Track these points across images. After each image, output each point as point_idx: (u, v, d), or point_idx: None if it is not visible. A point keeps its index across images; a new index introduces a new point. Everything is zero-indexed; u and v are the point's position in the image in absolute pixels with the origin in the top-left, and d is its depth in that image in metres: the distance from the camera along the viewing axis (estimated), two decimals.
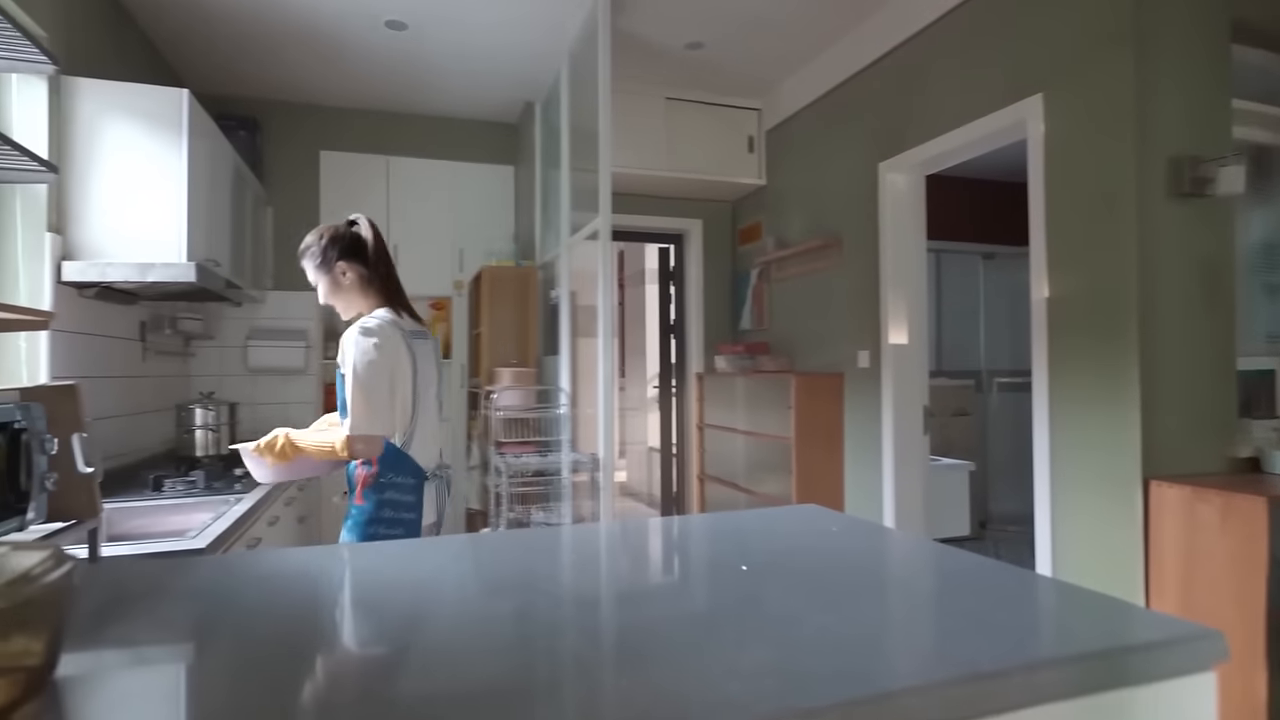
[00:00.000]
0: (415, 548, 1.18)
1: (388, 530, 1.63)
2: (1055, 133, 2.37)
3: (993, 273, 5.06)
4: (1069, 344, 2.33)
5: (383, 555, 1.14)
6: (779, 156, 4.13)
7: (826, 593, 0.89)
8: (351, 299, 1.74)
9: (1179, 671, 0.71)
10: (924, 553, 1.13)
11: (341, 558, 1.19)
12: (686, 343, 4.70)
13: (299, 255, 1.73)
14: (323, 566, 1.11)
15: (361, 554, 1.19)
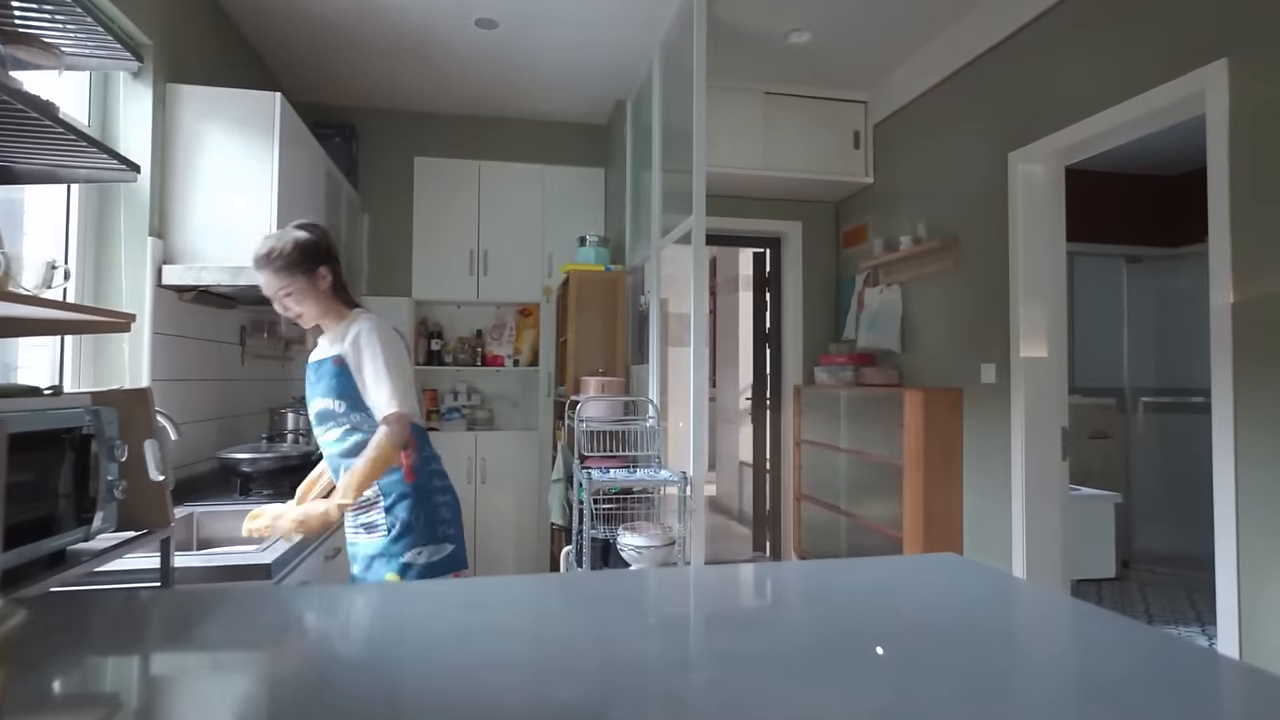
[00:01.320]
0: (474, 591, 1.02)
1: (443, 498, 1.75)
2: (1244, 105, 1.97)
3: (1137, 278, 4.48)
4: (1265, 358, 1.92)
5: (428, 597, 0.98)
6: (888, 152, 3.80)
7: (1002, 698, 0.65)
8: (325, 303, 1.73)
9: None
10: (1137, 643, 0.85)
11: (428, 598, 1.04)
12: (783, 353, 4.42)
13: (260, 261, 1.66)
14: (398, 611, 0.96)
15: (428, 594, 1.04)
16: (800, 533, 4.20)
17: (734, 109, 3.73)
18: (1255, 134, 1.95)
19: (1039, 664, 0.78)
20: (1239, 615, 1.95)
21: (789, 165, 3.81)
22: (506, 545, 3.86)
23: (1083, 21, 2.52)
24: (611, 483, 2.48)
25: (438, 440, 3.86)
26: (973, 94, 3.11)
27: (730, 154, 3.73)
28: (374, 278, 3.89)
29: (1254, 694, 0.69)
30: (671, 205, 3.07)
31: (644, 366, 3.26)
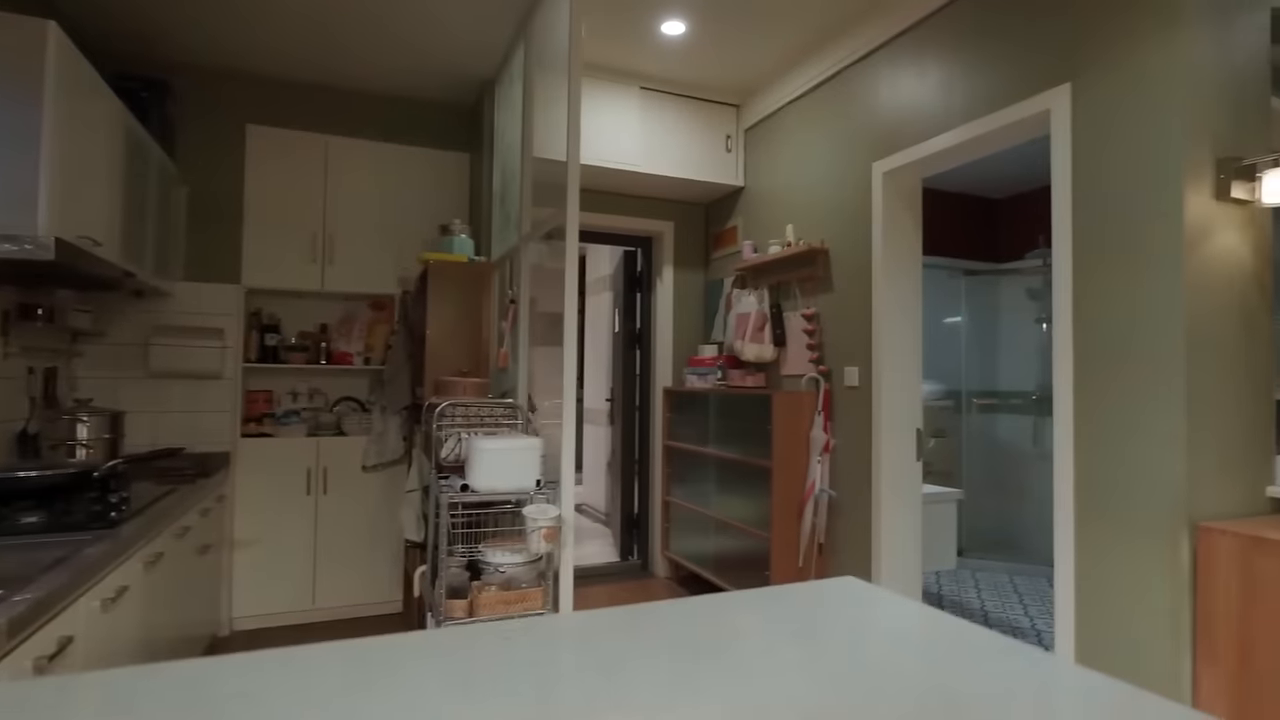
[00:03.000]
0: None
1: None
2: (1085, 128, 2.12)
3: (973, 289, 4.88)
4: (1100, 366, 2.07)
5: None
6: (759, 156, 3.85)
7: None
8: None
9: None
10: (1058, 680, 0.80)
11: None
12: (653, 355, 4.36)
13: None
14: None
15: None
16: (668, 536, 4.15)
17: (610, 101, 3.61)
18: (1096, 156, 2.10)
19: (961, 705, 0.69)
20: (1075, 595, 2.09)
21: (664, 164, 3.76)
22: (353, 565, 3.48)
23: (944, 40, 2.64)
24: (472, 495, 2.25)
25: (272, 446, 3.46)
26: (840, 103, 3.19)
27: (606, 148, 3.60)
28: (194, 260, 3.36)
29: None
30: (543, 197, 2.88)
31: (511, 367, 3.05)
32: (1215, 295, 1.92)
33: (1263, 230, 2.02)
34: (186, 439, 3.27)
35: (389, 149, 3.69)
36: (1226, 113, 1.95)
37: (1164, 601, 1.88)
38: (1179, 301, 1.87)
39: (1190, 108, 1.89)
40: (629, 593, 3.95)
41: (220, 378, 3.33)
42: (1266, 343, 2.03)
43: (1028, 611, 3.65)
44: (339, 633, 3.32)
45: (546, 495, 2.22)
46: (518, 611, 2.10)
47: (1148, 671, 1.91)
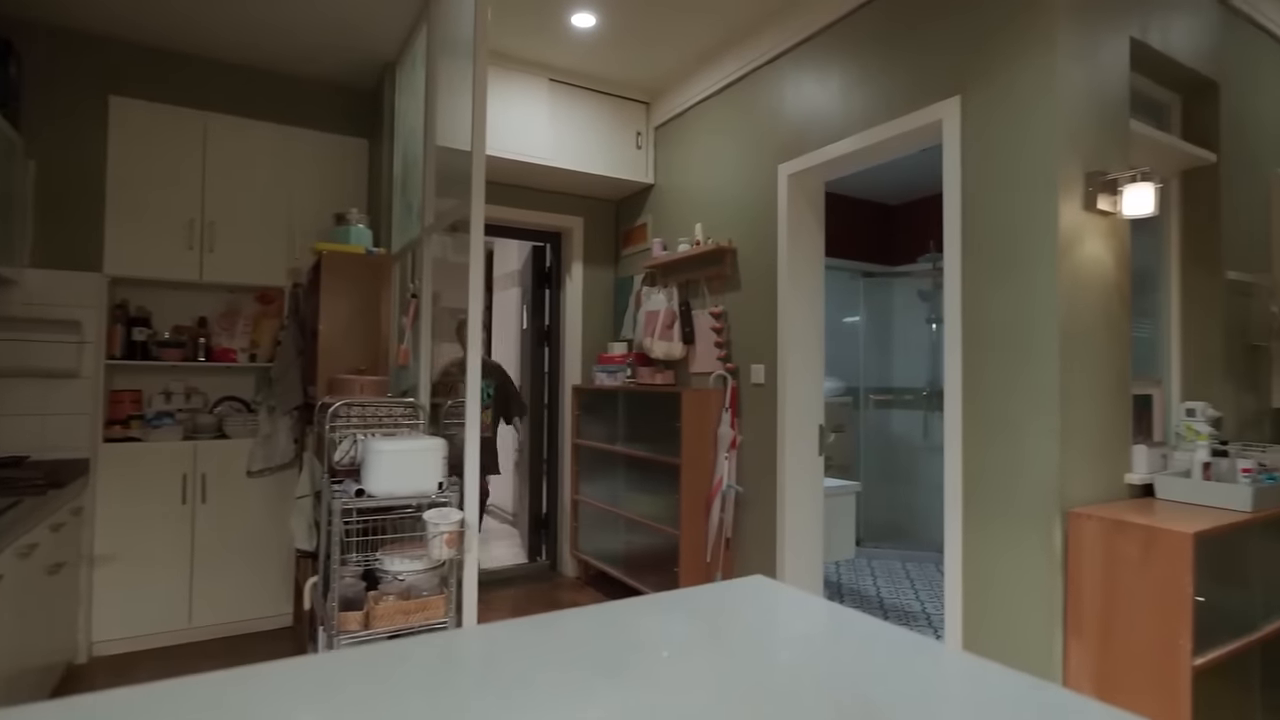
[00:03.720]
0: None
1: None
2: (973, 139, 2.24)
3: (869, 290, 5.11)
4: (985, 364, 2.19)
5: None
6: (669, 154, 3.86)
7: None
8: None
9: None
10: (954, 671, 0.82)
11: None
12: (562, 352, 4.30)
13: None
14: None
15: None
16: (578, 535, 4.11)
17: (518, 92, 3.52)
18: (982, 165, 2.22)
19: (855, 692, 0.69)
20: (962, 579, 2.22)
21: (574, 159, 3.70)
22: (236, 579, 3.22)
23: (846, 49, 2.73)
24: (369, 499, 2.12)
25: (140, 452, 3.13)
26: (748, 104, 3.25)
27: (513, 140, 3.51)
28: (46, 244, 3.01)
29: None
30: (447, 188, 2.76)
31: (413, 365, 2.91)
32: (1084, 299, 2.08)
33: (1123, 240, 2.21)
34: (34, 446, 2.92)
35: (279, 130, 3.44)
36: (1093, 131, 2.12)
37: (1040, 582, 2.02)
38: (1054, 305, 2.01)
39: (1063, 125, 2.03)
40: (537, 595, 3.87)
41: (77, 376, 2.99)
42: (1125, 344, 2.22)
43: (919, 596, 3.86)
44: (217, 652, 3.06)
45: (449, 498, 2.12)
46: (418, 621, 2.00)
47: (1025, 647, 2.05)
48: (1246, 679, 1.93)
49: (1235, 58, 2.68)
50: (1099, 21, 2.15)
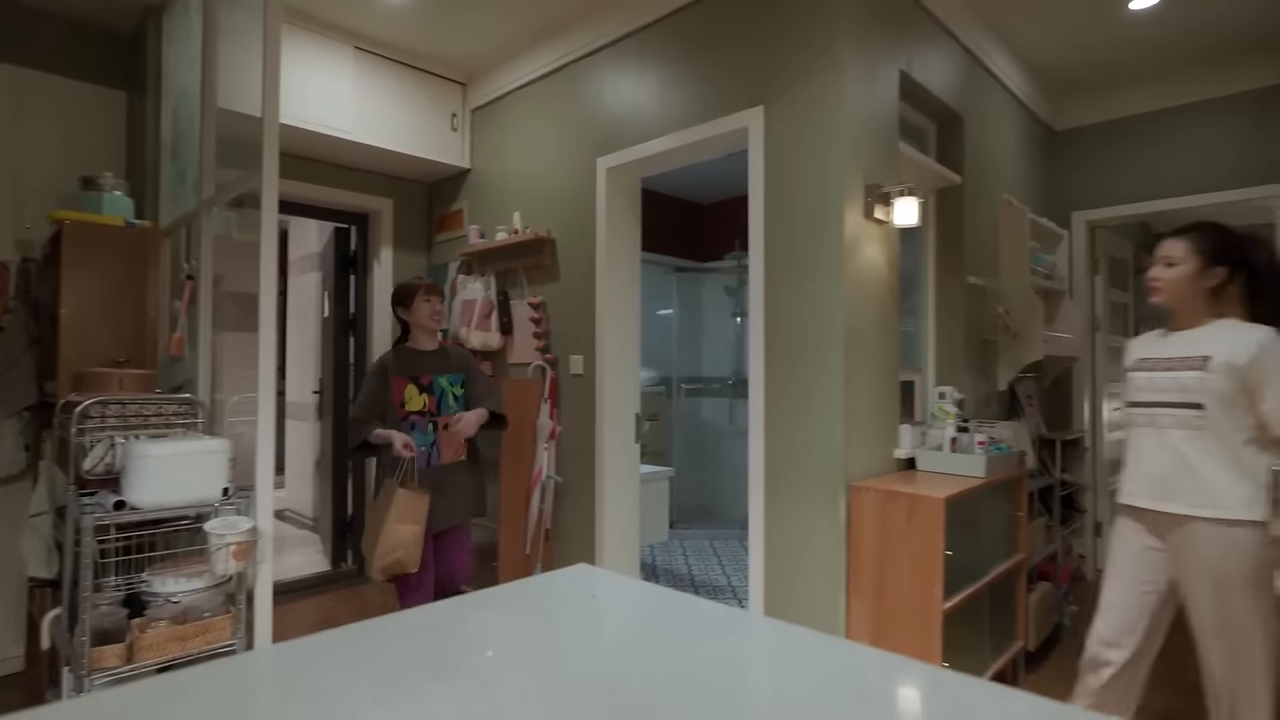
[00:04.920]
0: None
1: None
2: (775, 148, 2.44)
3: (681, 284, 5.37)
4: (784, 355, 2.40)
5: None
6: (487, 139, 3.75)
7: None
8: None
9: None
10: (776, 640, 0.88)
11: None
12: (369, 342, 4.02)
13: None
14: None
15: None
16: None
17: (317, 58, 3.21)
18: (781, 172, 2.43)
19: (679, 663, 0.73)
20: (765, 551, 2.42)
21: (382, 136, 3.46)
22: None
23: (663, 50, 2.83)
24: (132, 512, 1.83)
25: None
26: (569, 95, 3.25)
27: (312, 110, 3.19)
28: None
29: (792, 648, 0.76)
30: (231, 157, 2.44)
31: (189, 356, 2.54)
32: (863, 298, 2.35)
33: (894, 246, 2.54)
34: None
35: (5, 71, 2.82)
36: (871, 148, 2.40)
37: (828, 549, 2.26)
38: (839, 302, 2.25)
39: (848, 141, 2.28)
40: (344, 604, 3.60)
41: None
42: (894, 336, 2.55)
43: (725, 571, 4.15)
44: None
45: (237, 505, 1.90)
46: (199, 647, 1.77)
47: (816, 607, 2.29)
48: (979, 615, 2.32)
49: (974, 96, 3.18)
50: (876, 52, 2.43)
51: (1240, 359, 1.64)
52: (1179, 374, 1.72)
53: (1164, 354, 1.79)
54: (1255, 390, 1.63)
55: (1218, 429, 1.65)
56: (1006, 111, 3.53)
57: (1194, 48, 3.37)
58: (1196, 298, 1.75)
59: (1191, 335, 1.76)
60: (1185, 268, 1.73)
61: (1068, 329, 3.71)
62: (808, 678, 0.69)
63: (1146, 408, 1.79)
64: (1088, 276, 4.09)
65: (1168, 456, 1.72)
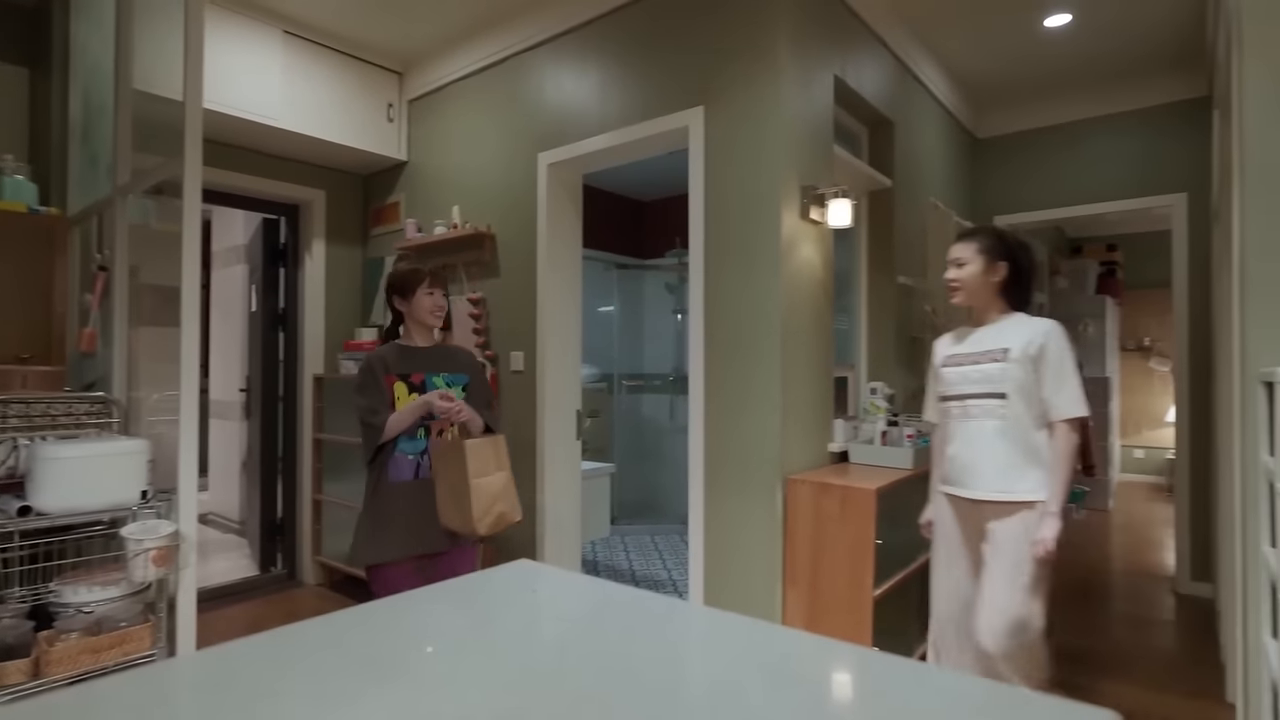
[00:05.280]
0: None
1: None
2: (715, 148, 2.47)
3: (623, 281, 5.38)
4: (723, 352, 2.45)
5: None
6: (425, 131, 3.67)
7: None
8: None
9: None
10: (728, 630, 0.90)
11: None
12: (300, 338, 3.88)
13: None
14: None
15: None
16: (321, 538, 3.76)
17: (244, 41, 3.07)
18: (721, 172, 2.47)
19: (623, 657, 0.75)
20: (704, 543, 2.46)
21: (313, 124, 3.33)
22: None
23: (605, 47, 2.83)
24: (39, 518, 1.72)
25: None
26: (510, 89, 3.21)
27: (238, 95, 3.06)
28: None
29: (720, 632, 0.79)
30: (149, 142, 2.31)
31: (102, 352, 2.40)
32: (799, 295, 2.42)
33: (829, 245, 2.61)
34: None
35: None
36: (808, 150, 2.47)
37: (765, 541, 2.32)
38: (776, 300, 2.31)
39: (786, 143, 2.33)
40: (274, 609, 3.47)
41: None
42: (829, 334, 2.63)
43: (666, 566, 4.19)
44: None
45: (157, 509, 1.81)
46: (115, 659, 1.68)
47: (753, 597, 2.34)
48: (907, 600, 2.43)
49: (904, 103, 3.30)
50: (812, 58, 2.50)
51: (1032, 349, 1.77)
52: (984, 366, 1.82)
53: (969, 349, 1.90)
54: (1042, 378, 1.78)
55: (1019, 417, 1.78)
56: (933, 118, 3.68)
57: (1102, 66, 3.59)
58: (988, 292, 1.88)
59: (991, 330, 1.88)
60: (974, 266, 1.87)
61: None
62: (744, 663, 0.72)
63: (959, 400, 1.88)
64: None
65: (978, 444, 1.82)
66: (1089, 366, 6.22)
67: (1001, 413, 1.79)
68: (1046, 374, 1.77)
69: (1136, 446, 7.12)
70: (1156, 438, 6.92)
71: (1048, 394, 1.77)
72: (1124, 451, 7.07)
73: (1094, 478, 5.91)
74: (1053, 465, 1.75)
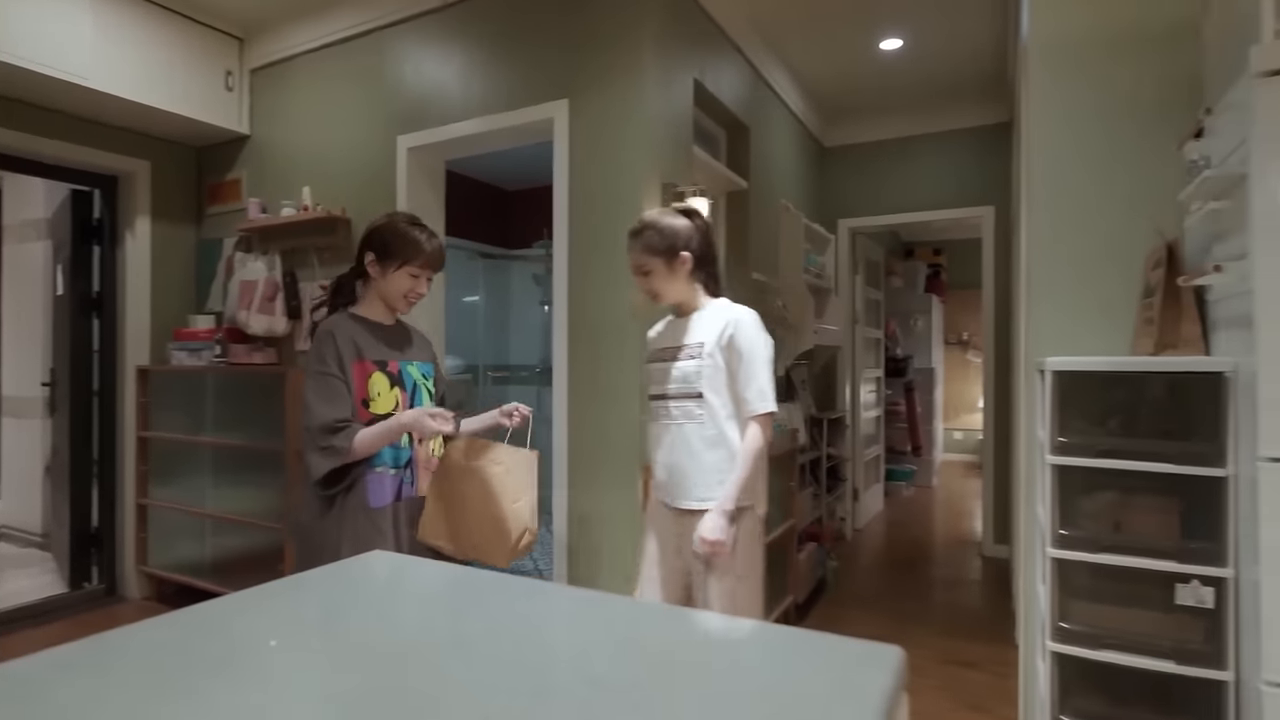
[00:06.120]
0: None
1: None
2: (580, 141, 2.51)
3: (488, 271, 5.29)
4: (587, 344, 2.49)
5: None
6: (270, 104, 3.40)
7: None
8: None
9: None
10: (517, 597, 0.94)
11: None
12: (120, 326, 3.48)
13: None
14: None
15: None
16: (146, 547, 3.41)
17: None
18: (584, 166, 2.50)
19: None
20: (568, 533, 2.51)
21: (134, 87, 2.99)
22: None
23: (469, 32, 2.77)
24: None
25: None
26: (367, 67, 3.06)
27: (36, 46, 2.68)
28: None
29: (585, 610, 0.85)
30: None
31: None
32: None
33: None
34: None
35: None
36: (668, 150, 2.57)
37: (627, 528, 2.40)
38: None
39: (646, 141, 2.41)
40: (88, 627, 3.10)
41: None
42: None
43: (532, 557, 4.18)
44: None
45: None
46: None
47: (617, 585, 2.42)
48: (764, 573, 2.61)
49: (759, 109, 3.51)
50: (673, 60, 2.60)
51: (724, 340, 1.63)
52: (682, 364, 1.66)
53: (669, 342, 1.73)
54: (733, 371, 1.63)
55: (716, 418, 1.63)
56: (786, 126, 3.93)
57: (929, 88, 4.01)
58: (684, 284, 1.70)
59: (690, 321, 1.71)
60: (657, 272, 1.69)
61: (834, 322, 4.24)
62: (604, 636, 0.76)
63: (662, 400, 1.71)
64: (850, 276, 4.71)
65: (679, 451, 1.66)
66: (918, 358, 6.94)
67: (700, 415, 1.63)
68: (738, 367, 1.62)
69: (956, 429, 8.02)
70: (972, 421, 7.84)
71: (739, 388, 1.62)
72: (946, 434, 7.94)
73: (921, 458, 6.60)
74: (737, 464, 1.61)
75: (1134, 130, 1.81)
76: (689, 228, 1.71)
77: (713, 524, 1.58)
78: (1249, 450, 1.27)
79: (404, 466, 1.65)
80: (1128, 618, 1.55)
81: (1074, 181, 1.89)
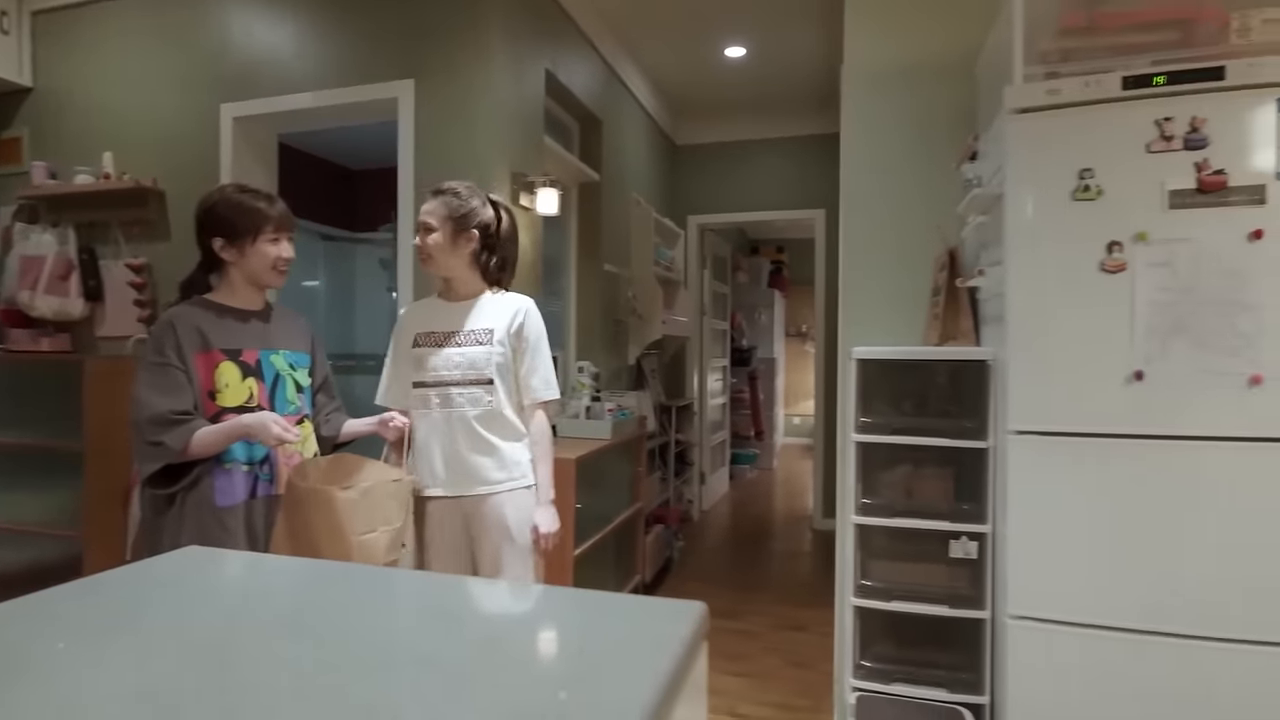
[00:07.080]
0: None
1: None
2: (426, 124, 2.44)
3: (330, 255, 4.98)
4: None
5: None
6: (60, 54, 2.98)
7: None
8: None
9: None
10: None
11: None
12: None
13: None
14: None
15: None
16: None
17: None
18: (430, 149, 2.44)
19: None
20: None
21: None
22: None
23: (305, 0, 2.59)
24: None
25: None
26: (184, 24, 2.77)
27: None
28: None
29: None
30: None
31: None
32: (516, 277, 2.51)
33: (538, 231, 2.75)
34: None
35: None
36: (518, 138, 2.57)
37: None
38: None
39: (495, 128, 2.40)
40: None
41: None
42: None
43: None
44: None
45: None
46: None
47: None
48: (605, 555, 2.70)
49: (612, 104, 3.59)
50: (523, 48, 2.60)
51: (514, 328, 1.63)
52: (467, 350, 1.61)
53: (442, 326, 1.65)
54: (520, 359, 1.64)
55: (504, 402, 1.62)
56: (638, 122, 4.05)
57: (770, 96, 4.29)
58: (461, 264, 1.65)
59: (468, 306, 1.66)
60: (440, 235, 1.62)
61: (683, 313, 4.44)
62: (445, 614, 0.78)
63: (439, 387, 1.62)
64: (699, 270, 4.93)
65: (464, 437, 1.60)
66: (762, 349, 7.40)
67: (489, 401, 1.60)
68: (525, 354, 1.64)
69: (795, 415, 8.66)
70: (808, 407, 8.50)
71: (524, 375, 1.64)
72: (786, 419, 8.55)
73: (763, 442, 7.07)
74: (540, 455, 1.65)
75: (926, 149, 2.08)
76: (489, 216, 1.68)
77: (548, 516, 1.65)
78: (1002, 425, 1.52)
79: (259, 463, 1.49)
80: (915, 572, 1.80)
81: (879, 191, 2.13)
